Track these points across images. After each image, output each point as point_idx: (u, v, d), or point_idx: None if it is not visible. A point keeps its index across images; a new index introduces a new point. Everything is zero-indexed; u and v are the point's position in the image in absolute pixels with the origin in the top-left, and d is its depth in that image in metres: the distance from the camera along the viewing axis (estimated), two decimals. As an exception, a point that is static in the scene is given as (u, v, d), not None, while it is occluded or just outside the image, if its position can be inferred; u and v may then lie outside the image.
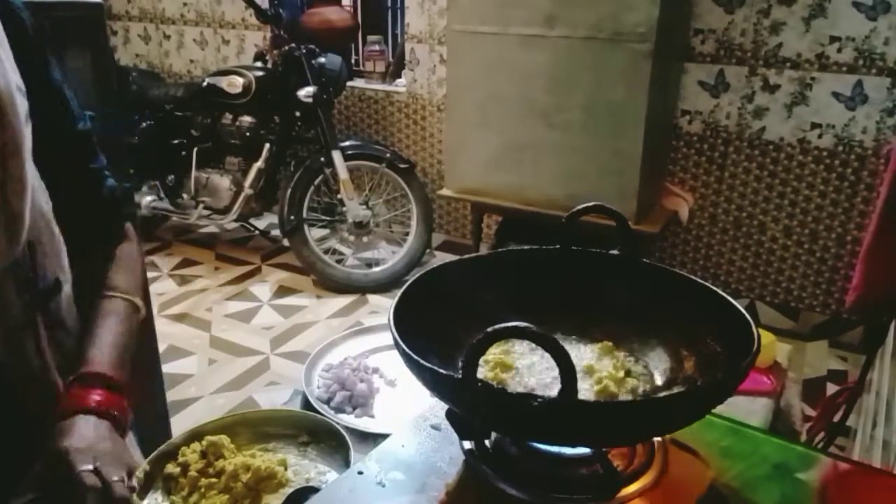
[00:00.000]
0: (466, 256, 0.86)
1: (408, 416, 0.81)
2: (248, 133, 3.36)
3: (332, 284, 3.26)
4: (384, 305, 3.11)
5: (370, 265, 3.40)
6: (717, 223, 2.97)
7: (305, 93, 3.13)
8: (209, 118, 3.44)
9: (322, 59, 3.25)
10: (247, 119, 3.36)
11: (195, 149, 3.44)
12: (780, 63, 2.66)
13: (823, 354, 2.75)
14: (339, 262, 3.38)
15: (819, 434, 1.94)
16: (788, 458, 0.74)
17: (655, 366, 0.76)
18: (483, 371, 0.72)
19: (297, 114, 3.29)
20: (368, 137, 3.75)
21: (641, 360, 0.77)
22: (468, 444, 0.70)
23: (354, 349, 2.41)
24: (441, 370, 0.60)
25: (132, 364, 0.85)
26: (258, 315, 3.04)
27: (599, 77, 2.51)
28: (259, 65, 3.41)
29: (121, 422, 0.78)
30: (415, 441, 0.76)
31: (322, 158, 3.19)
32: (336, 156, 3.12)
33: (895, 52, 2.46)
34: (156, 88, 3.61)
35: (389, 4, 4.16)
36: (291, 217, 3.22)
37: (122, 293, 0.87)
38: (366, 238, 3.36)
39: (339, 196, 3.23)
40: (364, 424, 2.04)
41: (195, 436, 1.08)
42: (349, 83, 3.67)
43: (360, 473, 0.71)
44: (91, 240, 0.87)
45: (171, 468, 1.04)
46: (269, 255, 3.67)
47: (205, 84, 3.38)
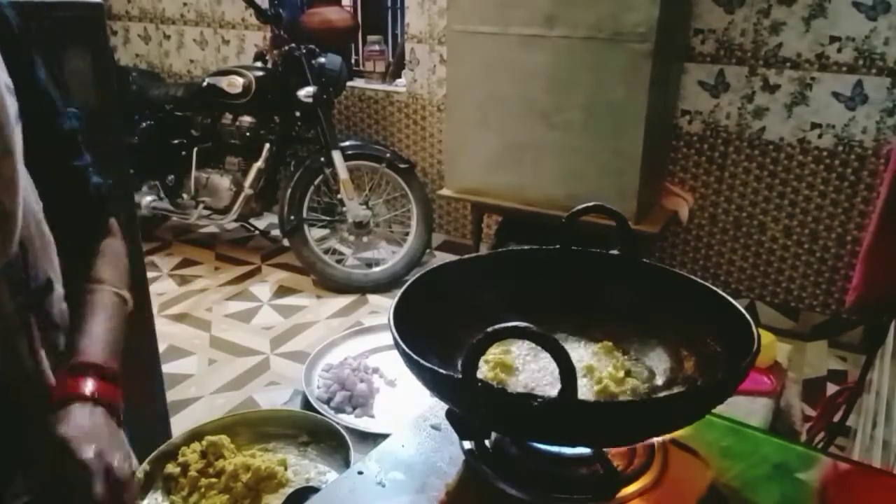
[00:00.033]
0: (466, 256, 0.86)
1: (408, 416, 0.81)
2: (248, 133, 3.37)
3: (332, 284, 3.26)
4: (384, 305, 3.11)
5: (370, 265, 3.40)
6: (717, 223, 2.97)
7: (305, 93, 3.13)
8: (209, 118, 3.44)
9: (322, 59, 3.25)
10: (247, 119, 3.36)
11: (195, 149, 3.44)
12: (780, 63, 2.66)
13: (823, 354, 2.75)
14: (339, 262, 3.38)
15: (819, 434, 1.94)
16: (788, 458, 0.74)
17: (655, 366, 0.76)
18: (483, 371, 0.72)
19: (297, 114, 3.29)
20: (368, 137, 3.75)
21: (641, 360, 0.77)
22: (468, 444, 0.70)
23: (354, 349, 2.41)
24: (441, 370, 0.60)
25: (126, 361, 0.85)
26: (258, 315, 3.04)
27: (599, 77, 2.51)
28: (259, 65, 3.41)
29: (116, 410, 0.78)
30: (415, 441, 0.76)
31: (322, 158, 3.19)
32: (336, 156, 3.12)
33: (895, 52, 2.46)
34: (156, 88, 3.61)
35: (389, 4, 4.16)
36: (291, 217, 3.22)
37: (110, 286, 0.87)
38: (366, 238, 3.36)
39: (339, 196, 3.23)
40: (364, 424, 2.05)
41: (195, 436, 1.08)
42: (349, 83, 3.67)
43: (360, 473, 0.71)
44: (76, 236, 0.87)
45: (171, 468, 1.04)
46: (269, 255, 3.67)
47: (205, 84, 3.38)
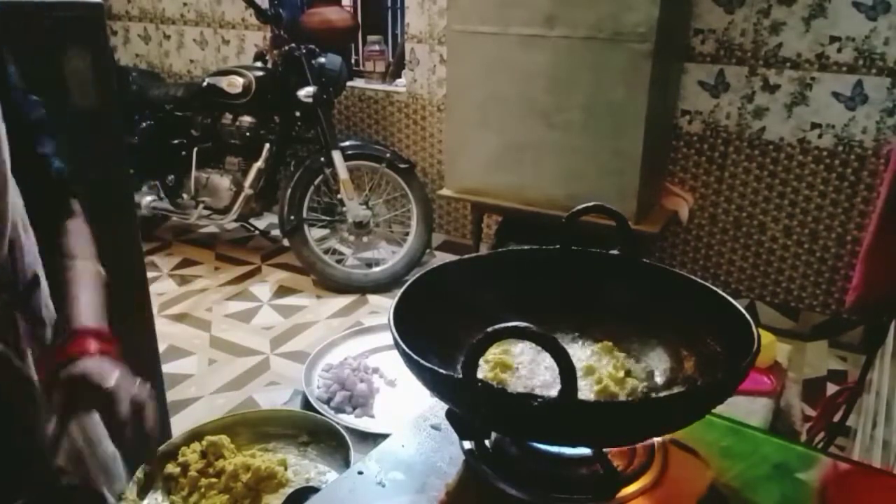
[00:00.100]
0: (466, 256, 0.86)
1: (408, 416, 0.81)
2: (248, 133, 3.36)
3: (332, 284, 3.26)
4: (384, 305, 3.11)
5: (370, 265, 3.40)
6: (717, 223, 2.97)
7: (305, 93, 3.13)
8: (209, 118, 3.44)
9: (322, 59, 3.25)
10: (247, 119, 3.36)
11: (195, 149, 3.44)
12: (780, 63, 2.66)
13: (823, 354, 2.75)
14: (339, 262, 3.38)
15: (819, 434, 1.94)
16: (788, 458, 0.74)
17: (655, 366, 0.76)
18: (483, 371, 0.72)
19: (297, 114, 3.29)
20: (368, 137, 3.75)
21: (641, 360, 0.77)
22: (468, 444, 0.70)
23: (354, 349, 2.41)
24: (441, 370, 0.60)
25: (126, 361, 0.87)
26: (258, 315, 3.04)
27: (599, 77, 2.51)
28: (259, 65, 3.41)
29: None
30: (415, 441, 0.76)
31: (322, 158, 3.19)
32: (336, 156, 3.12)
33: (895, 52, 2.46)
34: (156, 88, 3.61)
35: (389, 4, 4.16)
36: (291, 217, 3.22)
37: (84, 259, 0.91)
38: (366, 238, 3.36)
39: (339, 196, 3.23)
40: (364, 424, 2.04)
41: (195, 436, 1.08)
42: (349, 83, 3.67)
43: (360, 473, 0.71)
44: (42, 217, 0.91)
45: (171, 468, 1.04)
46: (269, 255, 3.67)
47: (205, 84, 3.38)
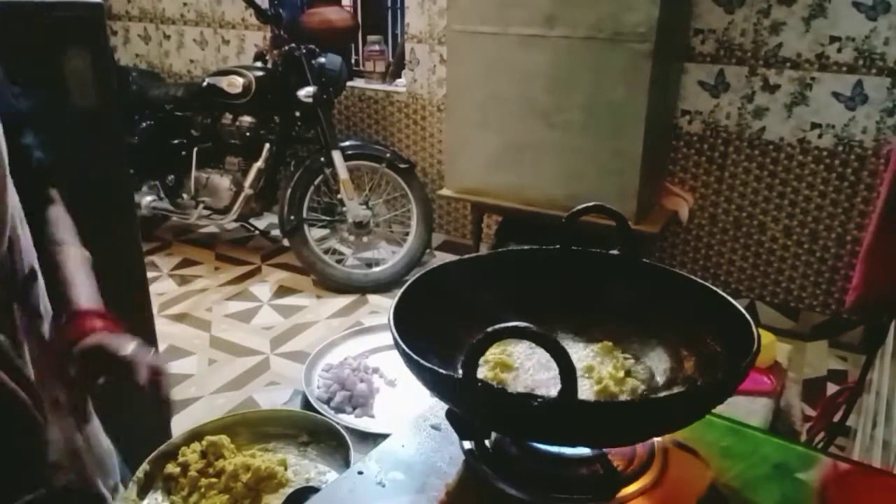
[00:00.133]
0: (466, 256, 0.86)
1: (408, 416, 0.81)
2: (248, 133, 3.36)
3: (332, 284, 3.26)
4: (384, 305, 3.11)
5: (370, 265, 3.40)
6: (717, 223, 2.96)
7: (305, 93, 3.13)
8: (209, 118, 3.44)
9: (322, 59, 3.25)
10: (247, 119, 3.36)
11: (195, 149, 3.44)
12: (780, 63, 2.66)
13: (823, 354, 2.75)
14: (339, 262, 3.38)
15: (819, 434, 1.94)
16: (788, 458, 0.74)
17: (655, 366, 0.76)
18: (483, 371, 0.72)
19: (297, 114, 3.29)
20: (368, 137, 3.75)
21: (641, 360, 0.77)
22: (468, 444, 0.70)
23: (354, 349, 2.41)
24: (441, 370, 0.60)
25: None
26: (258, 315, 3.04)
27: (599, 77, 2.51)
28: (259, 65, 3.41)
29: None
30: (415, 441, 0.76)
31: (322, 158, 3.19)
32: (336, 156, 3.12)
33: (895, 52, 2.46)
34: (156, 88, 3.61)
35: (389, 4, 4.16)
36: (291, 217, 3.22)
37: (70, 245, 0.93)
38: (366, 238, 3.36)
39: (339, 196, 3.23)
40: (364, 424, 2.04)
41: (195, 436, 1.08)
42: (349, 83, 3.67)
43: (360, 473, 0.71)
44: (25, 205, 0.93)
45: (171, 468, 1.04)
46: (269, 255, 3.67)
47: (205, 84, 3.38)
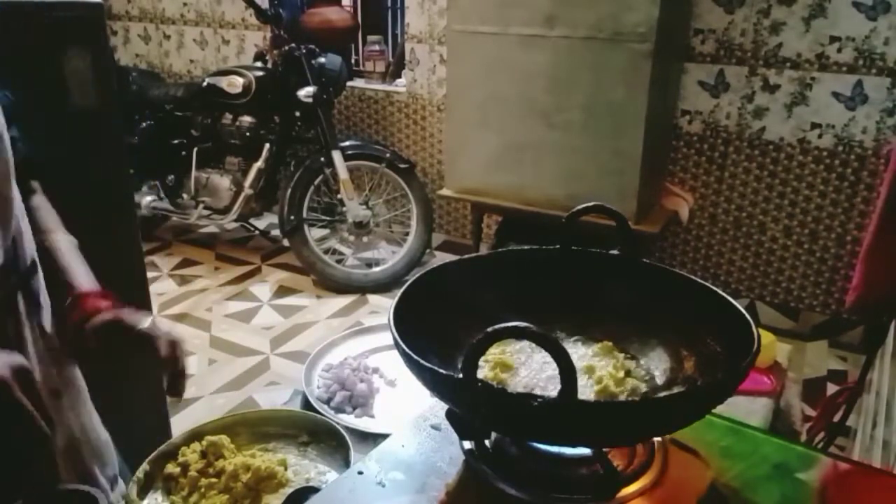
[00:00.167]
0: (466, 256, 0.86)
1: (408, 416, 0.81)
2: (248, 133, 3.36)
3: (332, 284, 3.26)
4: (384, 305, 3.11)
5: (370, 265, 3.40)
6: (717, 223, 2.96)
7: (305, 93, 3.13)
8: (209, 118, 3.44)
9: (322, 59, 3.25)
10: (247, 119, 3.36)
11: (195, 149, 3.44)
12: (780, 63, 2.66)
13: (823, 354, 2.75)
14: (339, 262, 3.38)
15: (819, 434, 1.94)
16: (788, 458, 0.74)
17: (655, 366, 0.76)
18: (483, 371, 0.72)
19: (297, 114, 3.29)
20: (368, 137, 3.75)
21: (641, 360, 0.77)
22: (468, 444, 0.70)
23: (354, 349, 2.41)
24: (441, 370, 0.60)
25: (126, 361, 0.90)
26: (258, 315, 3.04)
27: (599, 77, 2.51)
28: (259, 65, 3.41)
29: None
30: (415, 441, 0.76)
31: (322, 158, 3.19)
32: (336, 156, 3.12)
33: (895, 52, 2.46)
34: (156, 88, 3.61)
35: (389, 4, 4.16)
36: (291, 217, 3.22)
37: (57, 231, 0.94)
38: (366, 238, 3.36)
39: (339, 196, 3.23)
40: (364, 424, 2.05)
41: (195, 436, 1.08)
42: (349, 83, 3.67)
43: (360, 473, 0.71)
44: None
45: (171, 468, 1.04)
46: (269, 255, 3.67)
47: (205, 84, 3.38)
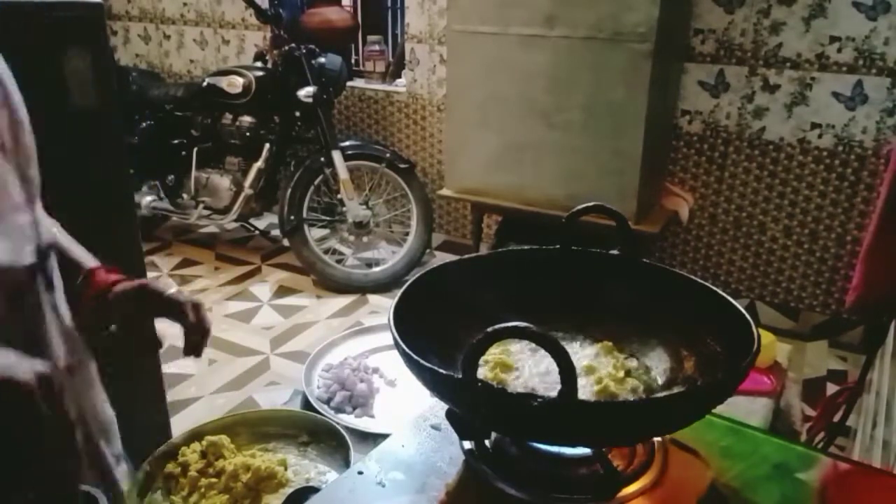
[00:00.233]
0: (466, 256, 0.86)
1: (408, 416, 0.81)
2: (248, 133, 3.36)
3: (332, 284, 3.26)
4: (384, 305, 3.11)
5: (370, 265, 3.40)
6: (717, 223, 2.96)
7: (305, 93, 3.13)
8: (209, 118, 3.44)
9: (322, 59, 3.25)
10: (247, 119, 3.36)
11: (195, 149, 3.44)
12: (780, 63, 2.66)
13: (823, 354, 2.75)
14: (339, 262, 3.38)
15: (819, 434, 1.93)
16: (788, 458, 0.74)
17: (655, 366, 0.76)
18: (483, 371, 0.72)
19: (297, 114, 3.29)
20: (368, 137, 3.75)
21: (641, 360, 0.77)
22: (468, 444, 0.70)
23: (354, 349, 2.41)
24: (441, 370, 0.60)
25: (126, 361, 0.92)
26: (258, 315, 3.04)
27: (599, 77, 2.51)
28: (259, 65, 3.41)
29: None
30: (415, 441, 0.76)
31: (322, 158, 3.19)
32: (336, 156, 3.12)
33: (895, 52, 2.46)
34: (156, 88, 3.61)
35: (389, 4, 4.16)
36: (291, 217, 3.22)
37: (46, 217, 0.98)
38: (366, 238, 3.36)
39: (339, 196, 3.23)
40: (364, 424, 2.04)
41: (195, 436, 1.08)
42: (349, 83, 3.67)
43: (360, 473, 0.71)
44: None
45: (171, 468, 1.04)
46: (269, 255, 3.67)
47: (205, 84, 3.38)
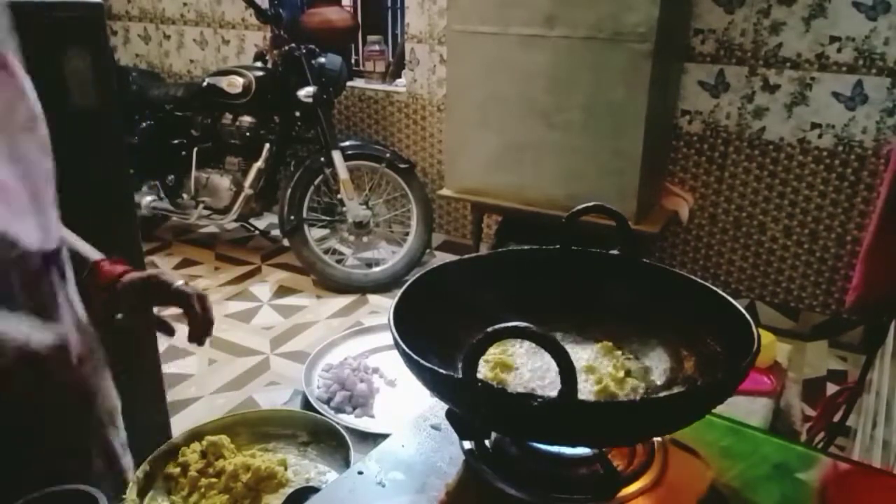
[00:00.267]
0: (466, 256, 0.86)
1: (408, 416, 0.81)
2: (248, 133, 3.36)
3: (332, 284, 3.26)
4: (384, 305, 3.11)
5: (370, 265, 3.40)
6: (717, 223, 2.96)
7: (305, 93, 3.13)
8: (209, 118, 3.44)
9: (322, 59, 3.25)
10: (247, 119, 3.36)
11: (195, 149, 3.44)
12: (780, 63, 2.66)
13: (823, 354, 2.75)
14: (339, 262, 3.38)
15: (819, 434, 1.94)
16: (788, 458, 0.74)
17: (655, 366, 0.76)
18: (483, 371, 0.72)
19: (297, 114, 3.29)
20: (368, 137, 3.75)
21: (641, 360, 0.77)
22: (468, 444, 0.70)
23: (354, 349, 2.41)
24: (441, 370, 0.60)
25: (126, 361, 0.95)
26: (258, 315, 3.04)
27: (599, 77, 2.51)
28: (259, 65, 3.41)
29: None
30: (415, 441, 0.76)
31: (322, 158, 3.19)
32: (336, 156, 3.12)
33: (895, 52, 2.46)
34: (156, 88, 3.61)
35: (389, 4, 4.16)
36: (291, 217, 3.22)
37: None
38: (366, 238, 3.36)
39: (339, 196, 3.23)
40: (364, 424, 2.04)
41: (195, 436, 1.08)
42: (349, 83, 3.67)
43: (360, 473, 0.71)
44: None
45: (171, 468, 1.04)
46: (269, 255, 3.67)
47: (205, 84, 3.38)
